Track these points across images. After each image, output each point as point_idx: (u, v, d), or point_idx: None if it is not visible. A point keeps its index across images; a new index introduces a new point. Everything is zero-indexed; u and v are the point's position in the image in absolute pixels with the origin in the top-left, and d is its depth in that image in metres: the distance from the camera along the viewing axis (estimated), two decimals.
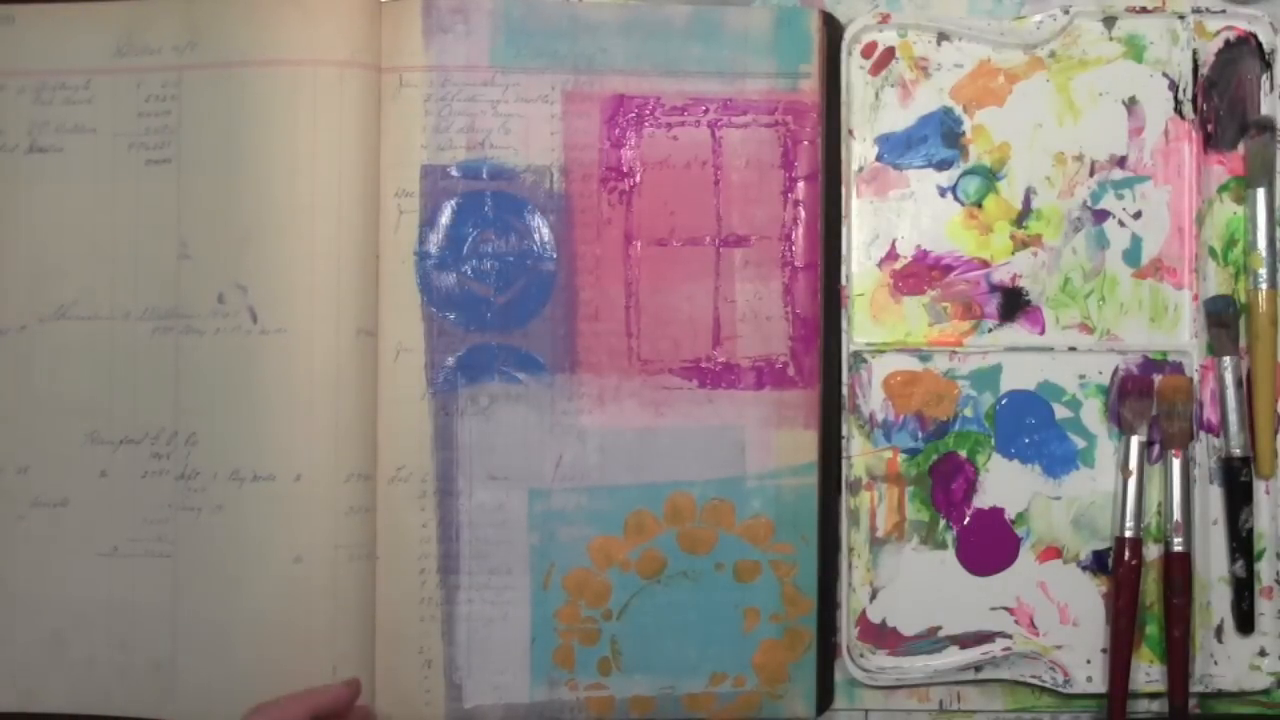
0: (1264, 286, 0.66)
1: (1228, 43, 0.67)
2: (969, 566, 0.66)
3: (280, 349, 0.63)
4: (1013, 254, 0.67)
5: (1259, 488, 0.66)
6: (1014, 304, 0.67)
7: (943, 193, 0.67)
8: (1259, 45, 0.67)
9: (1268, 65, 0.67)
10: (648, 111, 0.66)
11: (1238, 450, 0.66)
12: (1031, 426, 0.67)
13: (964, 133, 0.67)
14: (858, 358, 0.66)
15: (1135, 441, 0.65)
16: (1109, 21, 0.67)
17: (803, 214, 0.65)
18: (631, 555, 0.65)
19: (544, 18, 0.65)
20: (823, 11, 0.66)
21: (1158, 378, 0.66)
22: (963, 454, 0.66)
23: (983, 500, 0.66)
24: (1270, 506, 0.66)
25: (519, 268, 0.65)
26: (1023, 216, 0.67)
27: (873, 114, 0.67)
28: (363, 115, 0.64)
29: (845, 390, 0.66)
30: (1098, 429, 0.66)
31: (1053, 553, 0.66)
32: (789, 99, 0.65)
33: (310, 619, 0.62)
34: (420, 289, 0.65)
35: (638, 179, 0.65)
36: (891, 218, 0.67)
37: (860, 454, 0.66)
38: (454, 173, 0.65)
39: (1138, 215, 0.67)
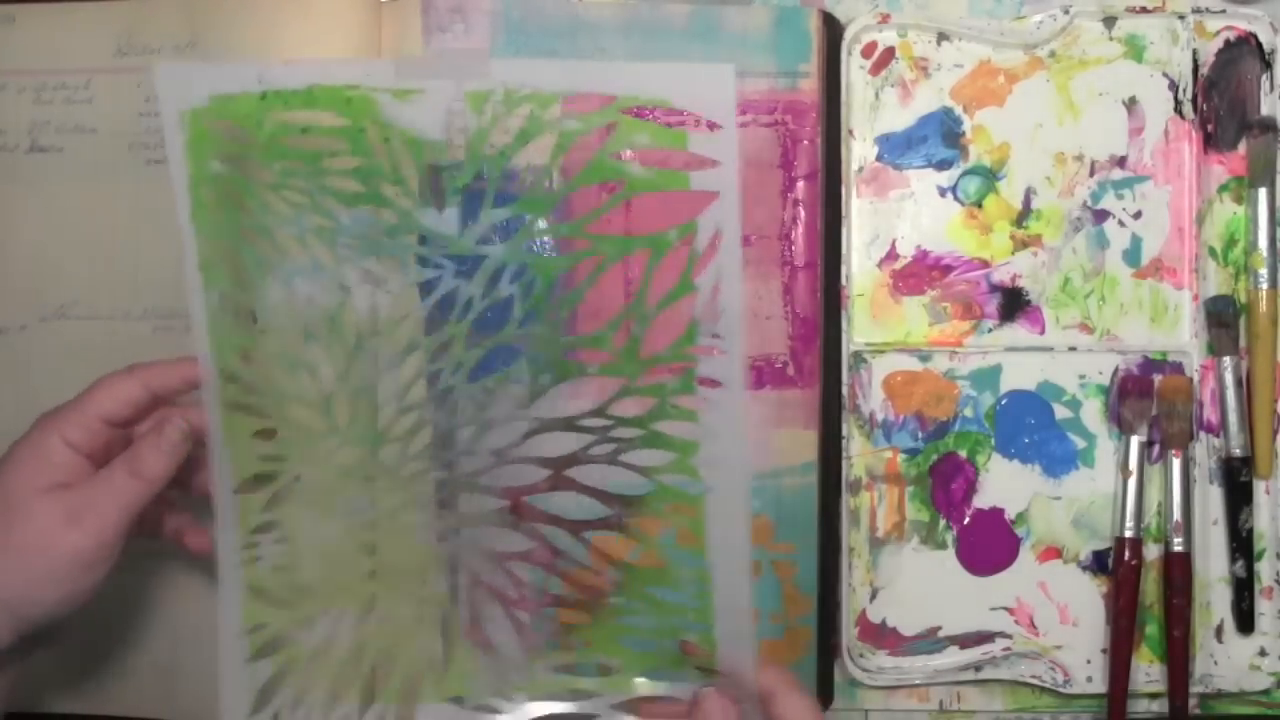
0: (1265, 286, 0.66)
1: (1228, 43, 0.67)
2: (969, 566, 0.66)
3: None
4: (1013, 254, 0.67)
5: (1259, 488, 0.66)
6: (1014, 304, 0.67)
7: (943, 193, 0.67)
8: (1259, 45, 0.67)
9: (1268, 65, 0.67)
10: (647, 111, 0.65)
11: (1238, 450, 0.65)
12: (1031, 426, 0.66)
13: (964, 133, 0.67)
14: (858, 358, 0.66)
15: (1135, 441, 0.65)
16: (1109, 21, 0.67)
17: (802, 213, 0.65)
18: (632, 555, 0.65)
19: (543, 17, 0.65)
20: (822, 11, 0.66)
21: (1158, 378, 0.66)
22: (963, 454, 0.66)
23: (983, 500, 0.66)
24: (1270, 506, 0.66)
25: (519, 268, 0.65)
26: (1023, 216, 0.67)
27: (873, 114, 0.67)
28: None
29: (845, 390, 0.66)
30: (1098, 429, 0.66)
31: (1053, 553, 0.66)
32: (788, 98, 0.65)
33: None
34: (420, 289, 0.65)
35: None
36: (891, 218, 0.67)
37: (860, 454, 0.66)
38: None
39: (1138, 215, 0.67)
